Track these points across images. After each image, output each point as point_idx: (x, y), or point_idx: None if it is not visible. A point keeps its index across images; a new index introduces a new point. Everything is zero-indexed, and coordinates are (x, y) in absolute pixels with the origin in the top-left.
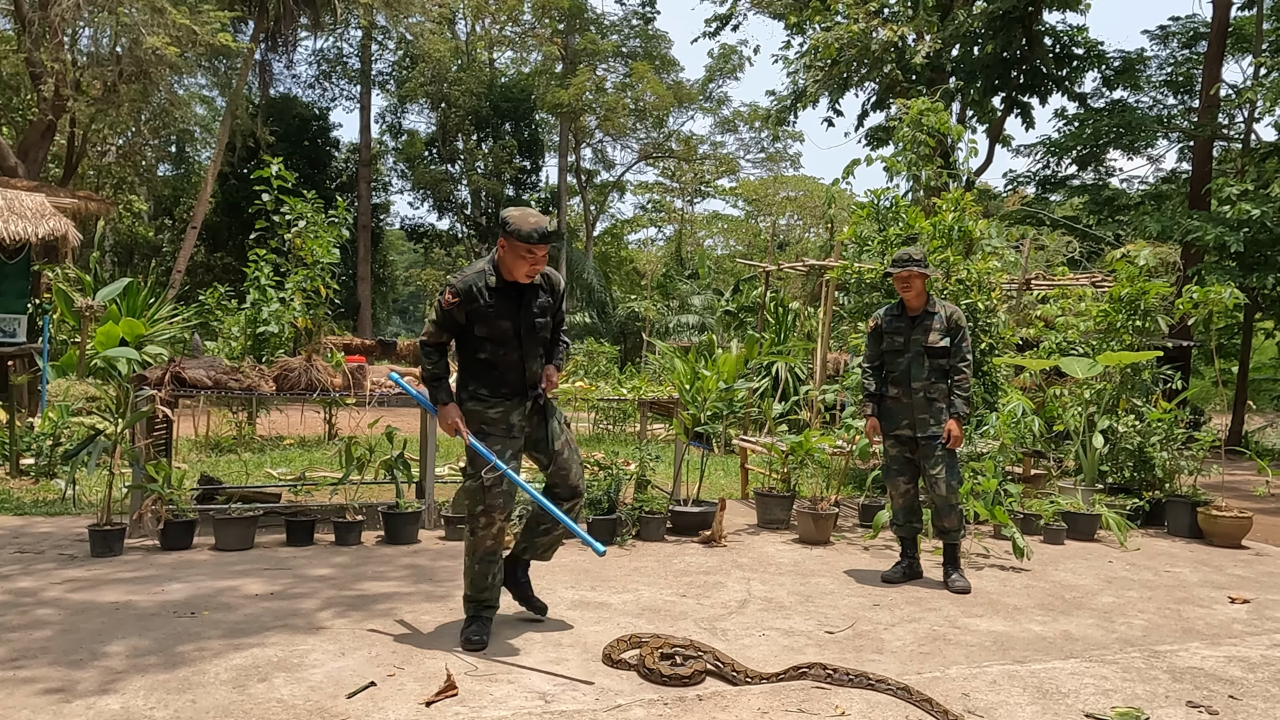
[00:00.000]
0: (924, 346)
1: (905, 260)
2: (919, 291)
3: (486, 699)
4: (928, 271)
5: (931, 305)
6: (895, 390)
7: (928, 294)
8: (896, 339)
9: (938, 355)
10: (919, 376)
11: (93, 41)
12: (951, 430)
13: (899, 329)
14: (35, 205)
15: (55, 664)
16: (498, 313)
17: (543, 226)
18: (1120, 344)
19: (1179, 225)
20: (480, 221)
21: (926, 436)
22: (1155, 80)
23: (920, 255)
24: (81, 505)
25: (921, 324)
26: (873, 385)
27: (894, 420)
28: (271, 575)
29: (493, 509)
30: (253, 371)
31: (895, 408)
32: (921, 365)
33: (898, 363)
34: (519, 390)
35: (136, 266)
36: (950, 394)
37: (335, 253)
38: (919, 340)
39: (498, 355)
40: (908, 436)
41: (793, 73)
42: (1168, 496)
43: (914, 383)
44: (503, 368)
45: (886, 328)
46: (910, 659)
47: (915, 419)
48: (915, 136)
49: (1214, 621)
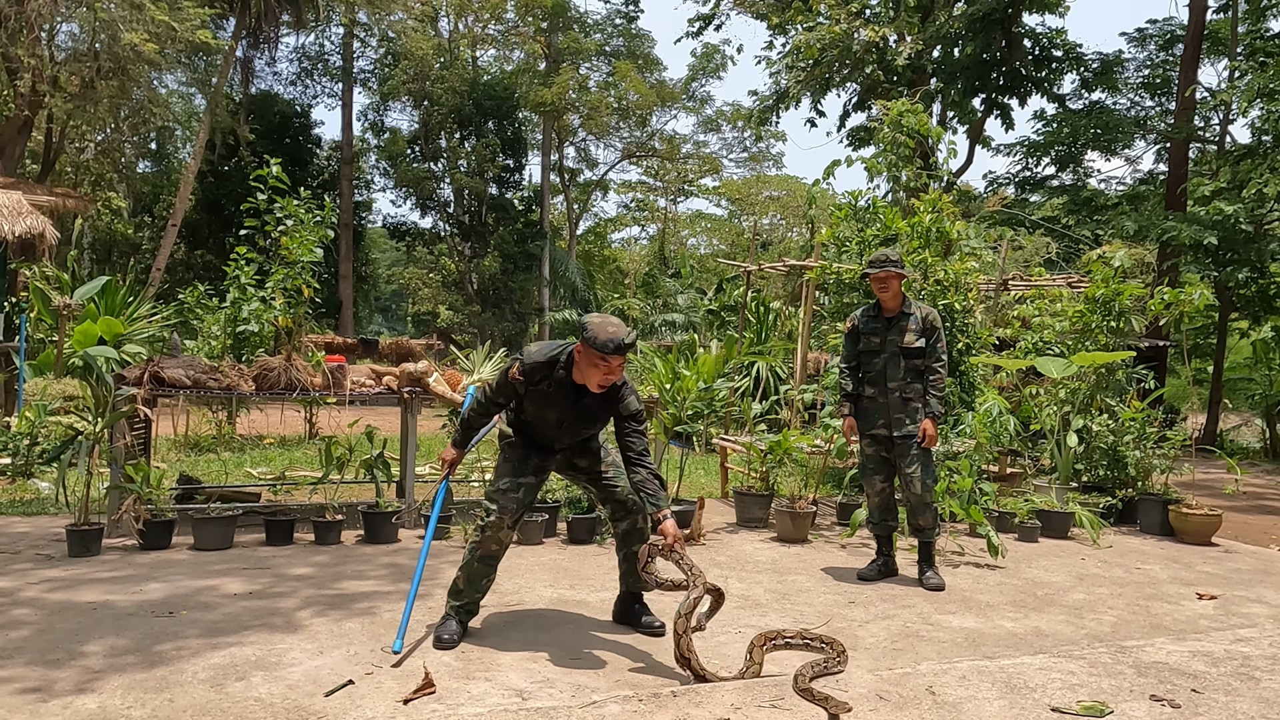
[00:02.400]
0: (900, 347)
1: (882, 261)
2: (895, 293)
3: (464, 696)
4: (904, 273)
5: (908, 306)
6: (872, 390)
7: (904, 295)
8: (873, 339)
9: (913, 356)
10: (895, 377)
11: (70, 37)
12: (926, 430)
13: (875, 330)
14: (11, 203)
15: (32, 664)
16: (550, 400)
17: (619, 338)
18: (1095, 344)
19: (1155, 225)
20: (463, 220)
21: (902, 436)
22: (1133, 82)
23: (897, 256)
24: (61, 505)
25: (898, 325)
26: (850, 385)
27: (870, 420)
28: (251, 575)
29: (504, 510)
30: (232, 371)
31: (871, 407)
32: (897, 366)
33: (874, 363)
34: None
35: (115, 264)
36: (925, 394)
37: (318, 251)
38: (895, 341)
39: (540, 424)
40: (884, 436)
41: (775, 73)
42: (1140, 495)
43: (890, 383)
44: (541, 429)
45: (863, 328)
46: (883, 655)
47: (891, 418)
48: (895, 138)
49: (1181, 617)
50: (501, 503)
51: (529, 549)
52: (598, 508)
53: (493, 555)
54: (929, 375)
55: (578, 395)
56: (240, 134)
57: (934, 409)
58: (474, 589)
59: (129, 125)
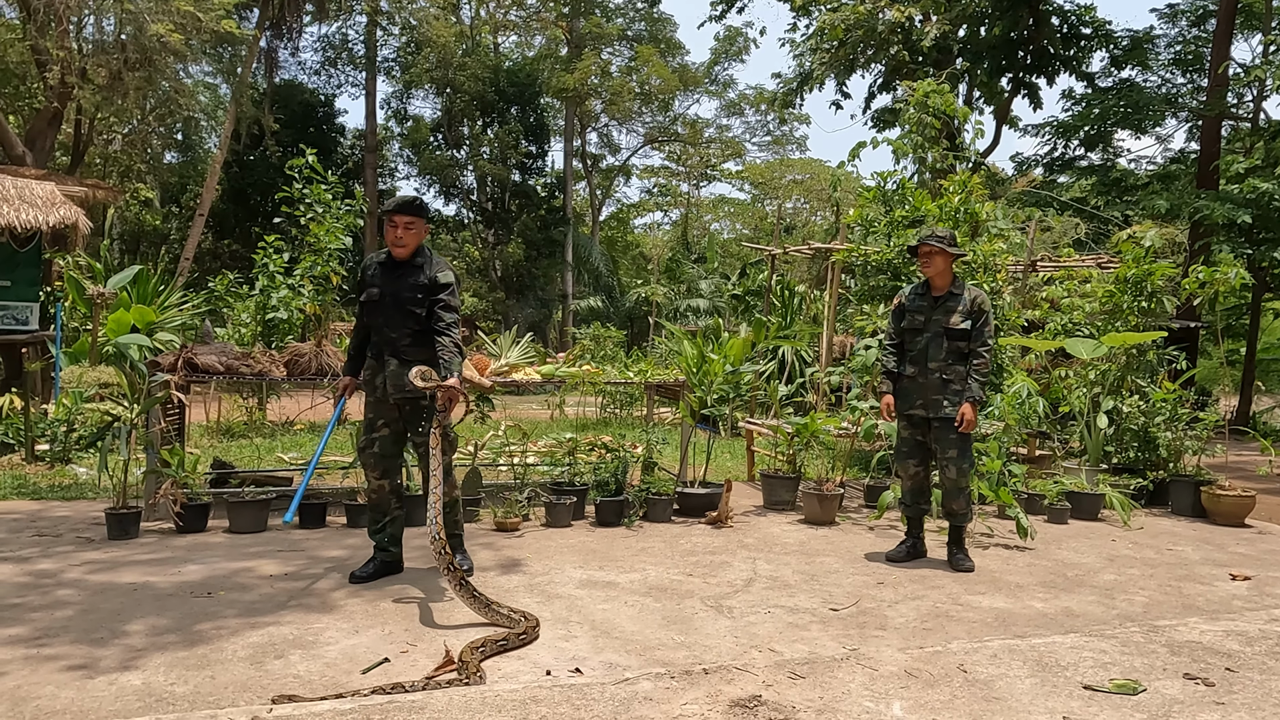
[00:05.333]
0: (944, 328)
1: (927, 236)
2: (940, 270)
3: (496, 674)
4: (950, 250)
5: (957, 287)
6: (912, 369)
7: (954, 275)
8: (917, 317)
9: (957, 338)
10: (936, 357)
11: (98, 29)
12: (965, 414)
13: (920, 308)
14: (45, 194)
15: (77, 642)
16: (374, 280)
17: (402, 197)
18: (1125, 325)
19: (1188, 204)
20: (486, 207)
21: (940, 419)
22: (1164, 59)
23: (946, 234)
24: (100, 490)
25: (944, 305)
26: (892, 363)
27: (908, 399)
28: (285, 557)
29: (364, 465)
30: (264, 357)
31: (910, 387)
32: (940, 346)
33: (916, 341)
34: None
35: (144, 254)
36: (968, 377)
37: (346, 239)
38: (939, 321)
39: (370, 313)
40: (920, 418)
41: (799, 55)
42: (1171, 476)
43: (930, 363)
44: (373, 319)
45: (909, 305)
46: (913, 634)
47: (929, 399)
48: (921, 118)
49: (1214, 598)
50: (362, 459)
51: (557, 531)
52: (625, 491)
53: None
54: (973, 359)
55: (395, 272)
56: (265, 124)
57: (975, 393)
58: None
59: (155, 116)
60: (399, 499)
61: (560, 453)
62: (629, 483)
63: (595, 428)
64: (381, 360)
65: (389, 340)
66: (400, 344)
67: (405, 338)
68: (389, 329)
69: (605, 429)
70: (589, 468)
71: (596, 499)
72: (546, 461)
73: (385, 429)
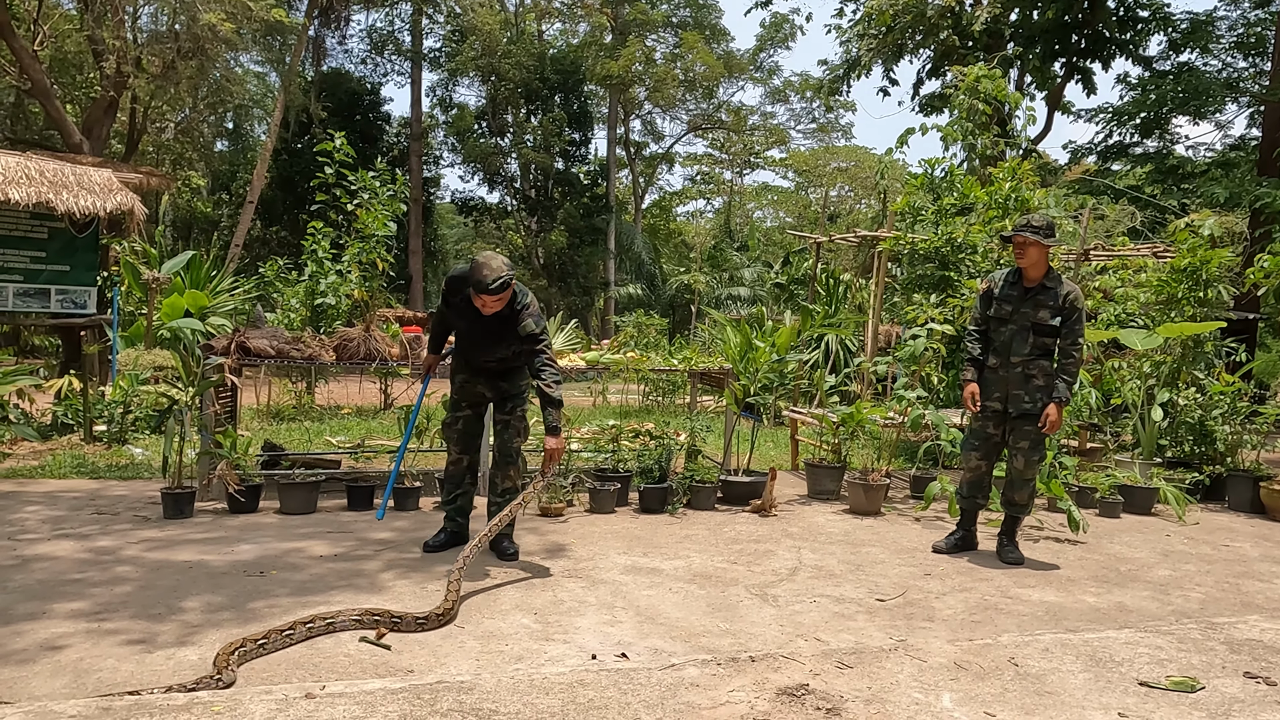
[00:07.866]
0: (1032, 322)
1: (1021, 226)
2: (1034, 261)
3: (543, 657)
4: (1045, 241)
5: (1051, 280)
6: (995, 360)
7: (1049, 268)
8: (1005, 307)
9: (1044, 334)
10: (1020, 351)
11: (152, 19)
12: (1050, 415)
13: (1010, 298)
14: (103, 181)
15: (136, 617)
16: (462, 312)
17: (485, 282)
18: (1181, 315)
19: (1248, 192)
20: (530, 195)
21: (1019, 414)
22: (1225, 42)
23: (1041, 223)
24: (155, 470)
25: (1034, 298)
26: (977, 350)
27: (987, 391)
28: (335, 538)
29: (450, 441)
30: (314, 341)
31: (992, 379)
32: (1025, 340)
33: (1001, 332)
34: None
35: (195, 240)
36: (1055, 376)
37: (392, 226)
38: (1028, 314)
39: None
40: (997, 410)
41: (845, 41)
42: (1229, 471)
43: (1014, 357)
44: (460, 339)
45: (999, 293)
46: (961, 626)
47: (1009, 393)
48: (972, 104)
49: (1275, 595)
50: (445, 434)
51: (601, 518)
52: (669, 478)
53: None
54: (1063, 358)
55: (481, 310)
56: (313, 112)
57: (1062, 394)
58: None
59: (207, 104)
60: (473, 476)
61: (604, 439)
62: (673, 470)
63: (637, 415)
64: (473, 371)
65: (479, 361)
66: (488, 365)
67: (492, 362)
68: (479, 351)
69: (647, 416)
70: (633, 454)
71: (640, 485)
72: (590, 448)
73: (468, 410)
